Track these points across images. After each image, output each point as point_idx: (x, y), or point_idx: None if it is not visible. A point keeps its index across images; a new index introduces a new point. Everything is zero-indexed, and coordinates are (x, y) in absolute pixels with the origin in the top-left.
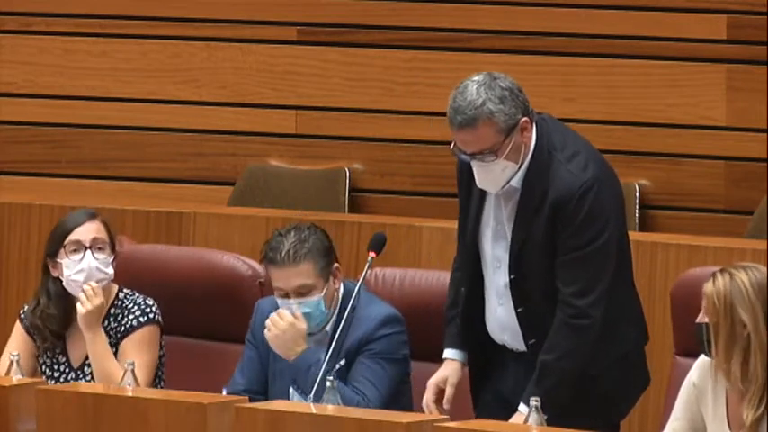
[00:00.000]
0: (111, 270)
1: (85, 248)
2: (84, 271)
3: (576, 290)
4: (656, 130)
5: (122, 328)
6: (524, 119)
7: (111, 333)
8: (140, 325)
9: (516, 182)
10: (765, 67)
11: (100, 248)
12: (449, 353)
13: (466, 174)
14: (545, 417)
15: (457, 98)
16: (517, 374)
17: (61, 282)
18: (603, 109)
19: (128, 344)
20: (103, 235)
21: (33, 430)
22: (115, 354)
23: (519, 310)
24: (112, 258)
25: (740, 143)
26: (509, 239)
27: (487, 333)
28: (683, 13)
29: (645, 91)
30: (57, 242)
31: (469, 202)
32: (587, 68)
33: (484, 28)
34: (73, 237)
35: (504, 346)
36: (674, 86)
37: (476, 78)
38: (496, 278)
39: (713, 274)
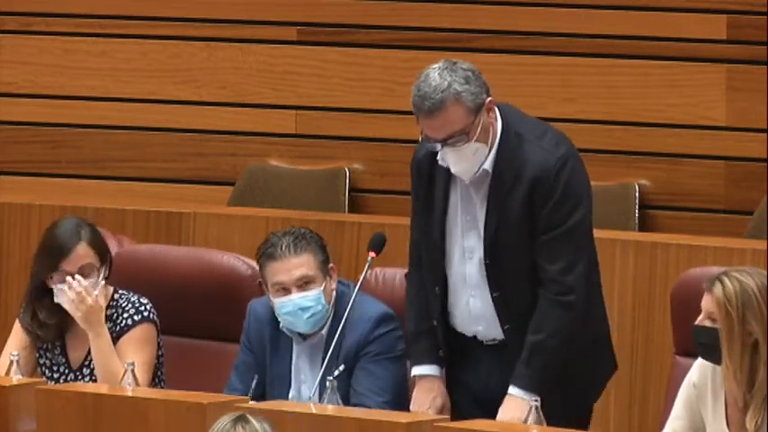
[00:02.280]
0: (98, 289)
1: (73, 275)
2: (67, 303)
3: (562, 267)
4: (656, 130)
5: (117, 327)
6: (489, 99)
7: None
8: (135, 323)
9: (488, 165)
10: (765, 67)
11: (89, 272)
12: (431, 369)
13: (426, 173)
14: (538, 399)
15: (421, 86)
16: (491, 367)
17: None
18: (603, 109)
19: (124, 343)
20: (91, 257)
21: (33, 430)
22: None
23: (494, 295)
24: (102, 275)
25: (740, 143)
26: (481, 227)
27: (455, 329)
28: (683, 13)
29: (645, 91)
30: (47, 267)
31: (432, 200)
32: (587, 68)
33: (484, 28)
34: (62, 266)
35: (474, 338)
36: (674, 86)
37: (435, 66)
38: (468, 269)
39: (718, 278)
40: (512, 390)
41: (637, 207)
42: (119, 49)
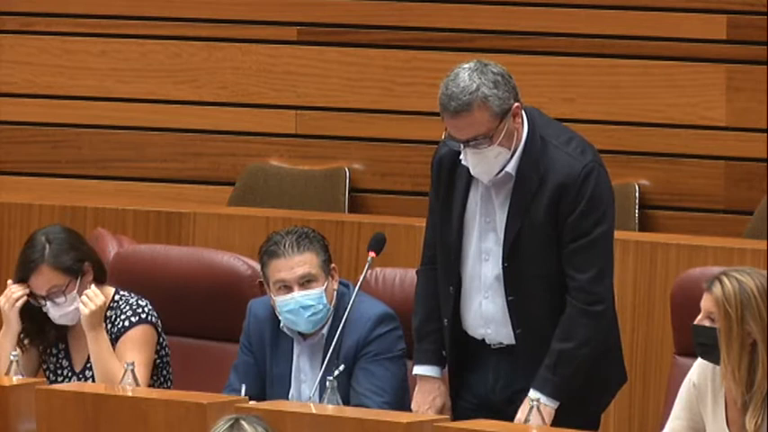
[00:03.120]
0: (77, 304)
1: (45, 298)
2: (55, 318)
3: (592, 275)
4: (656, 130)
5: (115, 329)
6: (516, 104)
7: (107, 336)
8: (132, 325)
9: (511, 168)
10: (765, 67)
11: (56, 293)
12: (432, 370)
13: (446, 171)
14: (558, 404)
15: (449, 85)
16: (498, 370)
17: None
18: (603, 109)
19: (121, 345)
20: (56, 278)
21: (33, 430)
22: None
23: (510, 298)
24: (77, 287)
25: (740, 143)
26: (500, 230)
27: (465, 331)
28: (683, 13)
29: (645, 91)
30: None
31: (452, 199)
32: (587, 68)
33: (484, 28)
34: (31, 285)
35: (483, 341)
36: (674, 86)
37: (466, 66)
38: (484, 271)
39: (717, 278)
40: (532, 393)
41: (637, 207)
42: (119, 49)
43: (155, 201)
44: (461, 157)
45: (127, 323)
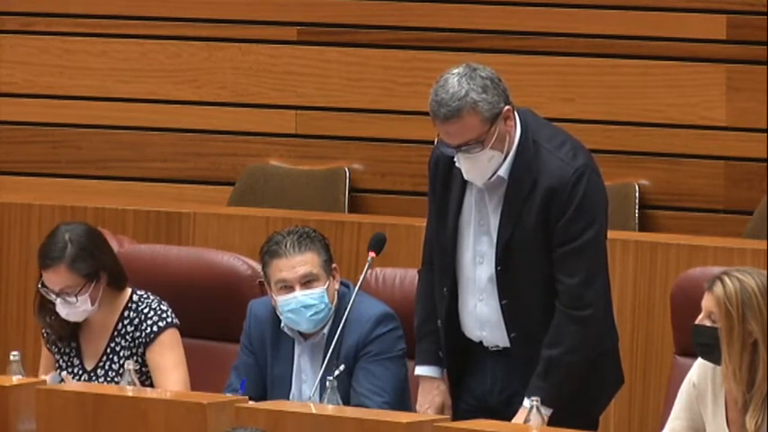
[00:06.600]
0: (86, 306)
1: (57, 294)
2: (63, 314)
3: (580, 280)
4: (655, 130)
5: (142, 335)
6: (507, 107)
7: (127, 337)
8: (161, 330)
9: (503, 172)
10: (765, 67)
11: (68, 293)
12: (431, 370)
13: (442, 172)
14: (551, 411)
15: (439, 91)
16: (495, 372)
17: None
18: (603, 109)
19: (155, 352)
20: (70, 279)
21: (33, 430)
22: (142, 362)
23: (503, 302)
24: (89, 292)
25: (740, 143)
26: (493, 233)
27: (463, 333)
28: (683, 13)
29: (645, 91)
30: (39, 276)
31: (447, 200)
32: (587, 68)
33: (484, 28)
34: (44, 279)
35: (480, 344)
36: (674, 86)
37: (455, 71)
38: (478, 273)
39: (718, 277)
40: (527, 402)
41: (637, 207)
42: (119, 49)
43: (155, 201)
44: (455, 159)
45: (155, 328)
